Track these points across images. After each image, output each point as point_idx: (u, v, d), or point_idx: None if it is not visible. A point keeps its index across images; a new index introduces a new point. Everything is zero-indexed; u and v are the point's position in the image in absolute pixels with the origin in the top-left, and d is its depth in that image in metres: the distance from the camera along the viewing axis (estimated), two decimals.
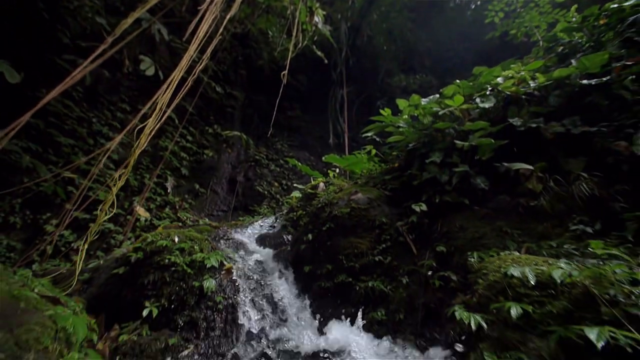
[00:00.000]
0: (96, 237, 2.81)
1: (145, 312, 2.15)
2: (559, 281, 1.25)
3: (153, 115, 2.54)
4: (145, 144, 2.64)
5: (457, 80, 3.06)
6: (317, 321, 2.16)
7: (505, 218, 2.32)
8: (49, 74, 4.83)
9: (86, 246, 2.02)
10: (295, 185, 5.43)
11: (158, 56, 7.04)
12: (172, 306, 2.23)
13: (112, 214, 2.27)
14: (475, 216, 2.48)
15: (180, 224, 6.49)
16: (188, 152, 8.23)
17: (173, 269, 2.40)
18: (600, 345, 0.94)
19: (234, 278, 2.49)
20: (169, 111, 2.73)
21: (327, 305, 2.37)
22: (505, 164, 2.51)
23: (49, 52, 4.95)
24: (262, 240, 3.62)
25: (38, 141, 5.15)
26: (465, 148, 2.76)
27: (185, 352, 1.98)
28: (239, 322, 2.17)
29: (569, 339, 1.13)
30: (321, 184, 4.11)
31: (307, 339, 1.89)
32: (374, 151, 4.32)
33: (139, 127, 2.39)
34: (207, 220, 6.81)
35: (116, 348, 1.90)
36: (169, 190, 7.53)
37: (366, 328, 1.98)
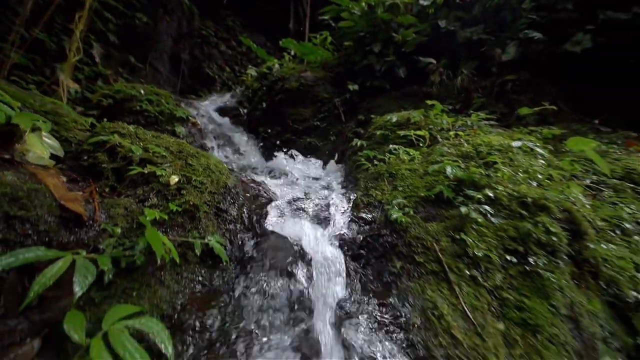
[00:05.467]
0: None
1: None
2: (405, 118, 2.45)
3: None
4: None
5: None
6: (265, 157, 3.30)
7: (408, 100, 3.47)
8: None
9: (69, 72, 2.56)
10: (250, 67, 5.81)
11: None
12: None
13: (79, 56, 2.70)
14: (391, 97, 3.59)
15: None
16: (114, 13, 7.33)
17: (146, 114, 3.11)
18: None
19: (200, 128, 3.35)
20: None
21: (276, 152, 3.49)
22: (422, 58, 3.49)
23: None
24: (220, 112, 4.36)
25: None
26: (399, 41, 3.60)
27: None
28: None
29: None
30: (276, 66, 4.69)
31: (259, 163, 3.04)
32: (329, 38, 4.85)
33: None
34: None
35: None
36: (97, 60, 7.09)
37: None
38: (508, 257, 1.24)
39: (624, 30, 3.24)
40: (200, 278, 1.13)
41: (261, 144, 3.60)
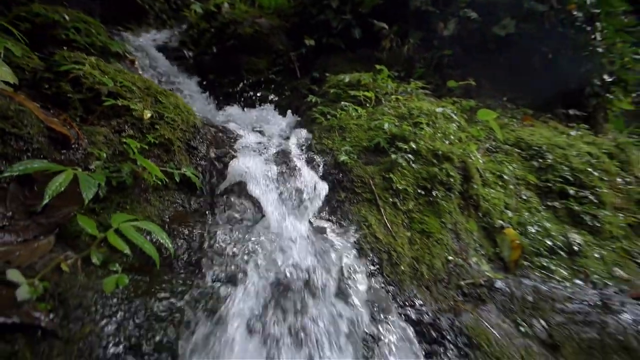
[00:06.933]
0: None
1: None
2: (356, 79, 2.82)
3: None
4: None
5: None
6: (218, 107, 3.37)
7: (361, 62, 3.82)
8: None
9: None
10: (193, 1, 5.31)
11: None
12: None
13: None
14: (345, 57, 3.87)
15: None
16: None
17: (74, 45, 2.83)
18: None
19: (138, 67, 3.19)
20: None
21: (230, 102, 3.55)
22: (376, 22, 3.79)
23: None
24: (161, 51, 4.07)
25: None
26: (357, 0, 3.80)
27: None
28: None
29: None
30: (226, 4, 4.45)
31: (212, 112, 3.12)
32: None
33: None
34: None
35: None
36: None
37: None
38: (419, 191, 1.79)
39: (540, 22, 4.00)
40: (179, 201, 1.39)
41: (212, 93, 3.59)
